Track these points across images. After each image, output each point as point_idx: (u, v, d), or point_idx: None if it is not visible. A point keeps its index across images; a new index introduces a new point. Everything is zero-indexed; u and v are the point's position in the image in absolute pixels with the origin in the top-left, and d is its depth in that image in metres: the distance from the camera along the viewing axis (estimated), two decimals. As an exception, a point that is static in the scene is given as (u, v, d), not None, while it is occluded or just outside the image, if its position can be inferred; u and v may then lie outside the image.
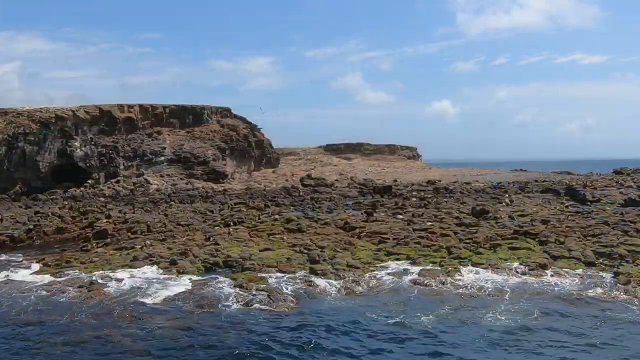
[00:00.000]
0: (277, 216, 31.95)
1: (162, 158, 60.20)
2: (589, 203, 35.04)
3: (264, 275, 19.32)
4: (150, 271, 20.47)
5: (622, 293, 17.30)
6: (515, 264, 20.28)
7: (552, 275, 19.06)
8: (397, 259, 21.67)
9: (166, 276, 19.62)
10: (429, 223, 28.37)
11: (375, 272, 19.69)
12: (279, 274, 19.58)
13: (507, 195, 41.78)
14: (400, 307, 16.55)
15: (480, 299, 17.19)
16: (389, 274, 19.42)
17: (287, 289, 17.92)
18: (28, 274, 20.80)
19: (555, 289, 17.85)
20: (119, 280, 19.14)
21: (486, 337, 14.03)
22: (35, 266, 22.40)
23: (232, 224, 29.72)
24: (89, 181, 55.16)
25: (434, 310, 16.09)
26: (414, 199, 40.92)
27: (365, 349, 13.48)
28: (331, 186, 56.72)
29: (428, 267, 20.08)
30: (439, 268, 19.89)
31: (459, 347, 13.39)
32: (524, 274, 19.24)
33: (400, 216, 31.53)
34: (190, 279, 19.34)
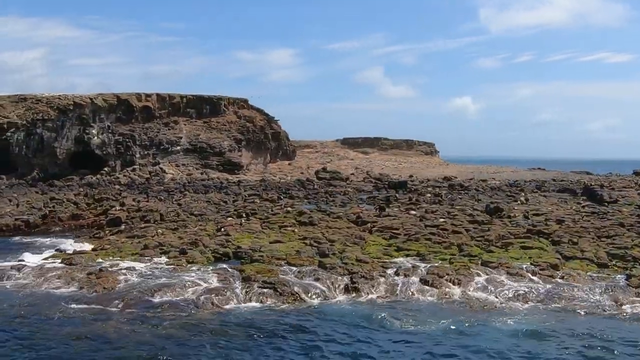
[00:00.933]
0: (289, 209, 31.90)
1: (178, 148, 60.54)
2: (606, 204, 34.53)
3: (272, 267, 19.26)
4: (159, 260, 20.54)
5: (634, 296, 17.01)
6: (526, 264, 19.98)
7: (562, 277, 18.74)
8: (407, 255, 21.50)
9: (174, 266, 19.63)
10: (442, 220, 28.12)
11: (383, 267, 19.52)
12: (287, 267, 19.49)
13: (522, 194, 41.34)
14: (406, 304, 16.45)
15: (488, 300, 17.03)
16: (397, 270, 19.23)
17: (294, 282, 17.84)
18: (39, 260, 20.96)
19: (566, 290, 17.57)
20: (128, 268, 19.23)
21: (492, 340, 13.89)
22: (47, 252, 22.68)
23: (244, 215, 29.73)
24: (105, 169, 55.73)
25: (439, 310, 15.98)
26: (428, 195, 40.66)
27: (370, 348, 13.38)
28: (346, 180, 56.61)
29: (437, 264, 19.87)
30: (448, 265, 19.69)
31: (462, 351, 13.25)
32: (534, 274, 18.93)
33: (414, 212, 31.30)
34: (198, 269, 19.35)
